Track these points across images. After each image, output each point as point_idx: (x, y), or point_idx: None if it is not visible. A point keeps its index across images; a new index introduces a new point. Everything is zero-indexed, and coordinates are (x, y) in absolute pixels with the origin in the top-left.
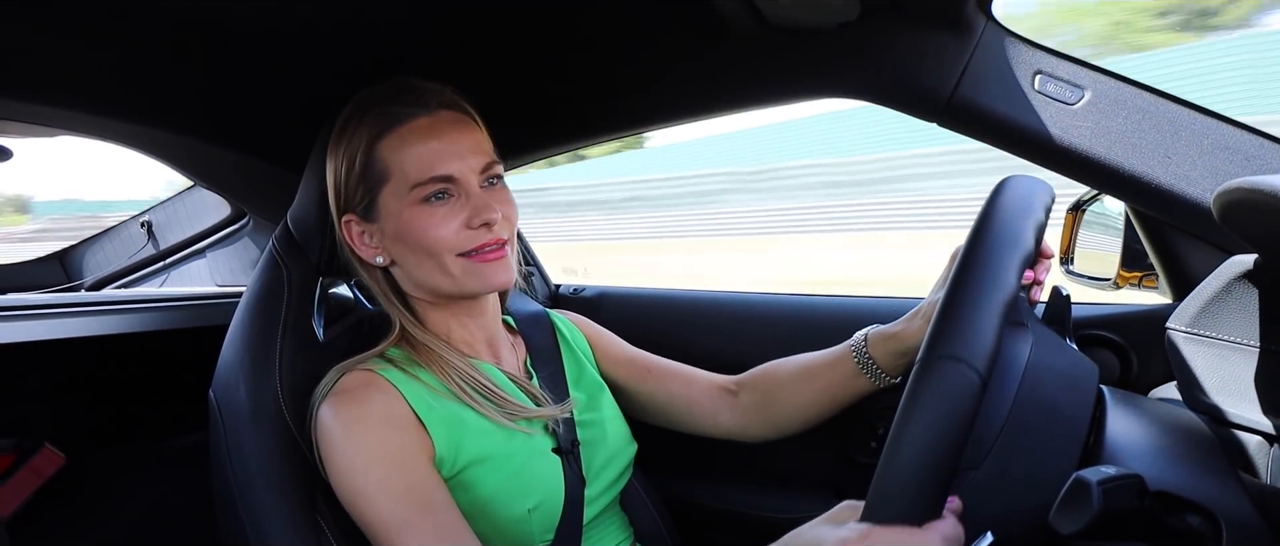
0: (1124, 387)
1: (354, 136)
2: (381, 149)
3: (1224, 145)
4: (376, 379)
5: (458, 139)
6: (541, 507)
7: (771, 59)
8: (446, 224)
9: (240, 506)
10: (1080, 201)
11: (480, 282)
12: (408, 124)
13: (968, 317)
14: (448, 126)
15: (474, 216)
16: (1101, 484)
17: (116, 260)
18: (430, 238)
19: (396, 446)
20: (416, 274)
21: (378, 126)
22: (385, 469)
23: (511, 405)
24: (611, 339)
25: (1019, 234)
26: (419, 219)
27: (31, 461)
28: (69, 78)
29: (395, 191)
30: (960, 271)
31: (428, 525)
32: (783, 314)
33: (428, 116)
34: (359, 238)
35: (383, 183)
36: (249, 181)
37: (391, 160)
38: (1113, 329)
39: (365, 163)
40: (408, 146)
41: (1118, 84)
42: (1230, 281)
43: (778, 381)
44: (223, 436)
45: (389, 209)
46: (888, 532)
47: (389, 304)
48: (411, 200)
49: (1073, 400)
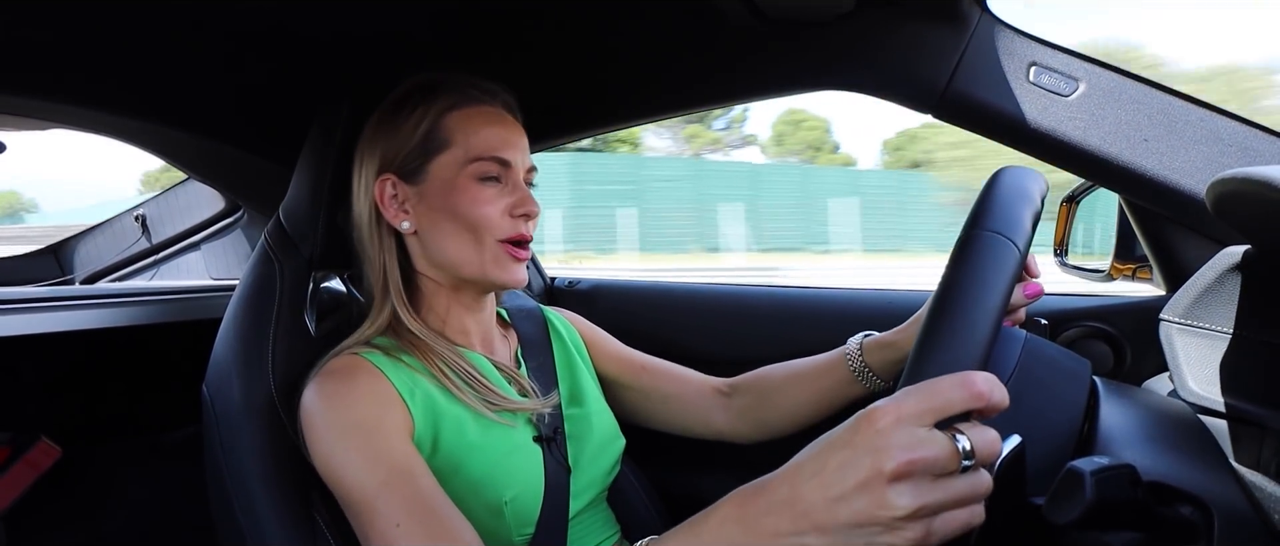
0: (1118, 379)
1: (418, 107)
2: (450, 119)
3: (1218, 137)
4: (362, 362)
5: (516, 135)
6: (518, 499)
7: (767, 52)
8: (494, 204)
9: (235, 502)
10: (1074, 193)
11: (502, 273)
12: (481, 106)
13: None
14: (510, 121)
15: (518, 206)
16: (1095, 474)
17: (110, 254)
18: (478, 213)
19: (375, 418)
20: (443, 246)
21: (452, 100)
22: (363, 437)
23: (495, 396)
24: (606, 337)
25: (1016, 219)
26: (470, 191)
27: (28, 454)
28: (64, 72)
29: (452, 161)
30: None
31: (405, 490)
32: (777, 305)
33: (495, 106)
34: (390, 199)
35: (441, 150)
36: (243, 175)
37: (457, 131)
38: (1106, 320)
39: (429, 129)
40: (476, 124)
41: (1112, 75)
42: (1223, 273)
43: (772, 384)
44: (216, 431)
45: (440, 175)
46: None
47: (381, 287)
48: (467, 174)
49: (1066, 391)
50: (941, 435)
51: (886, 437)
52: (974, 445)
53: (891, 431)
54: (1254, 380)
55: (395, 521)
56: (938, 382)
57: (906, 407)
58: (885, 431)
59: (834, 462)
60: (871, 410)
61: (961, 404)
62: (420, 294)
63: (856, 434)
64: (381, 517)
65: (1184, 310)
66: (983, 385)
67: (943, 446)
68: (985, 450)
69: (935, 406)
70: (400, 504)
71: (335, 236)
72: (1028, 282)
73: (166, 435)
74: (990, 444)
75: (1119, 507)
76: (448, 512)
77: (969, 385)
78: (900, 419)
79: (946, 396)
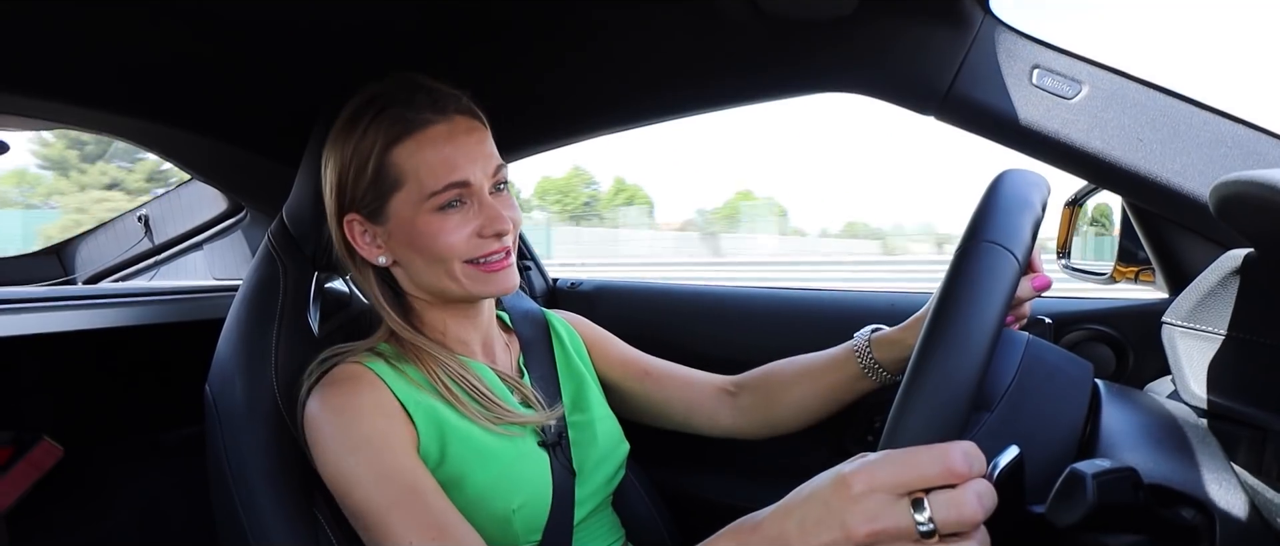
0: (1120, 382)
1: (365, 137)
2: (396, 155)
3: (1222, 139)
4: (364, 372)
5: (472, 146)
6: (527, 506)
7: (768, 54)
8: (458, 231)
9: (237, 501)
10: (1077, 196)
11: (485, 288)
12: (425, 131)
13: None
14: (462, 133)
15: (486, 226)
16: (1096, 477)
17: (112, 254)
18: (441, 245)
19: (382, 433)
20: (421, 276)
21: (393, 131)
22: (371, 453)
23: (499, 409)
24: (610, 339)
25: (1016, 228)
26: (431, 226)
27: (30, 454)
28: (68, 72)
29: (408, 199)
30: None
31: (415, 508)
32: (780, 306)
33: (445, 123)
34: (361, 237)
35: (396, 189)
36: (246, 175)
37: (407, 167)
38: (1109, 324)
39: (377, 167)
40: (424, 154)
41: (1115, 78)
42: (1226, 276)
43: (779, 382)
44: (219, 432)
45: (400, 215)
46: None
47: (379, 304)
48: (426, 209)
49: (1068, 394)
50: (906, 507)
51: (857, 504)
52: (938, 518)
53: (862, 499)
54: (1256, 383)
55: (407, 542)
56: (916, 454)
57: (879, 477)
58: (857, 498)
59: (813, 516)
60: (847, 475)
61: (935, 478)
62: (414, 311)
63: (833, 493)
64: (391, 536)
65: (1186, 313)
66: (959, 462)
67: (902, 515)
68: (954, 523)
69: (906, 479)
70: (410, 523)
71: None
72: (1035, 276)
73: (169, 435)
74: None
75: (1121, 510)
76: (457, 529)
77: (945, 461)
78: (872, 487)
79: (920, 470)
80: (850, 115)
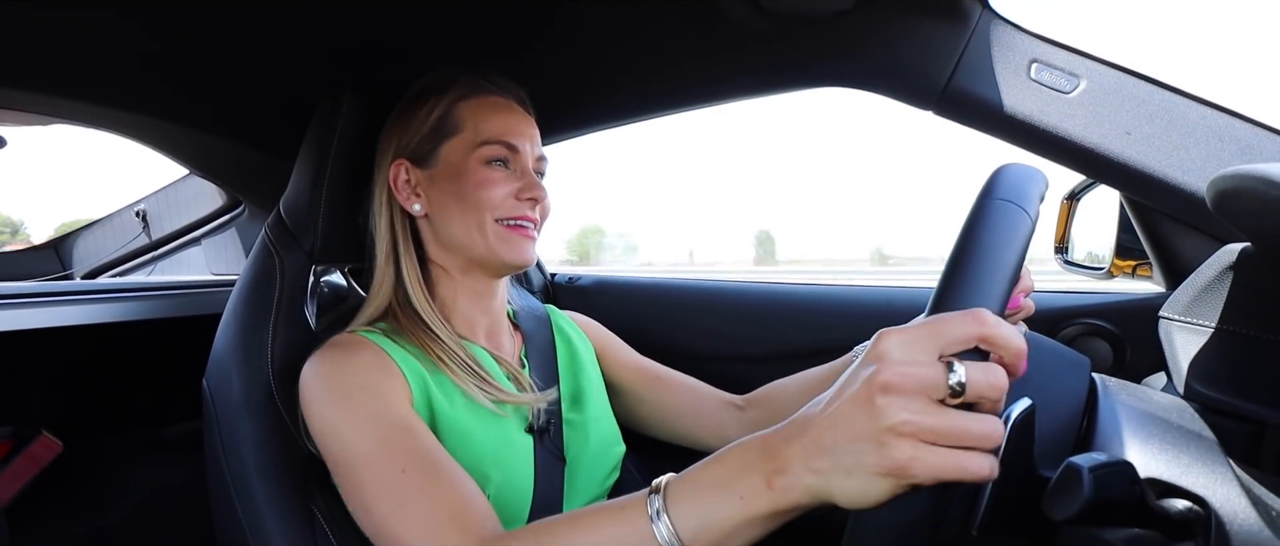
0: (1117, 376)
1: (433, 95)
2: (463, 108)
3: (1219, 134)
4: (363, 339)
5: (527, 126)
6: (503, 489)
7: (766, 48)
8: (500, 187)
9: (235, 496)
10: (1075, 190)
11: (507, 251)
12: (493, 96)
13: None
14: (521, 113)
15: (525, 190)
16: (1093, 471)
17: (110, 249)
18: (482, 194)
19: (376, 383)
20: (450, 227)
21: (465, 90)
22: (364, 396)
23: (490, 387)
24: (620, 344)
25: (1027, 194)
26: (477, 173)
27: (29, 448)
28: (66, 68)
29: (462, 144)
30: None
31: (408, 443)
32: (777, 302)
33: (510, 98)
34: (403, 183)
35: (452, 134)
36: (243, 170)
37: (468, 117)
38: (1106, 318)
39: (442, 116)
40: (486, 112)
41: (1114, 73)
42: (1223, 270)
43: (786, 397)
44: (216, 426)
45: (450, 159)
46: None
47: (389, 261)
48: (476, 157)
49: (1065, 388)
50: (936, 361)
51: (885, 354)
52: (969, 378)
53: (892, 349)
54: (1253, 377)
55: (400, 467)
56: (948, 315)
57: (912, 331)
58: (886, 349)
59: (841, 385)
60: (880, 332)
61: (969, 337)
62: (430, 280)
63: (865, 358)
64: (384, 467)
65: (1184, 307)
66: (992, 321)
67: (934, 368)
68: (985, 386)
69: (940, 333)
70: (404, 453)
71: (336, 230)
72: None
73: (167, 429)
74: (992, 382)
75: (1117, 504)
76: (451, 465)
77: (979, 319)
78: (903, 341)
79: (954, 326)
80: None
